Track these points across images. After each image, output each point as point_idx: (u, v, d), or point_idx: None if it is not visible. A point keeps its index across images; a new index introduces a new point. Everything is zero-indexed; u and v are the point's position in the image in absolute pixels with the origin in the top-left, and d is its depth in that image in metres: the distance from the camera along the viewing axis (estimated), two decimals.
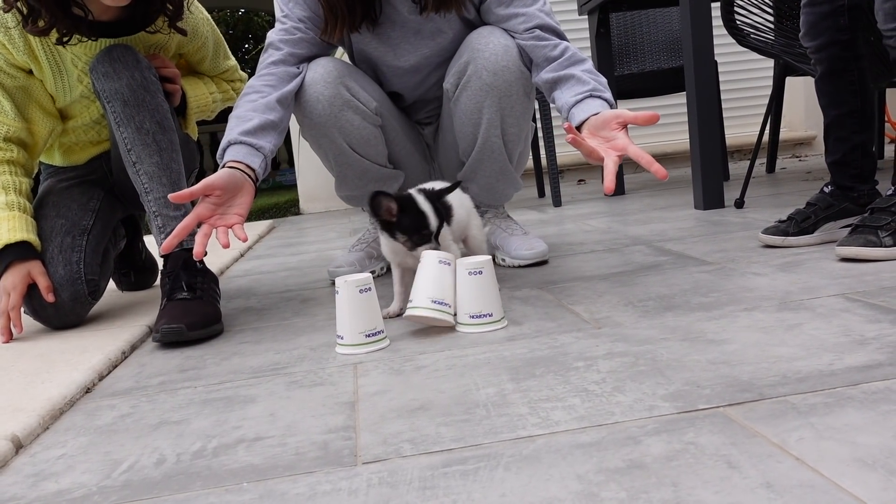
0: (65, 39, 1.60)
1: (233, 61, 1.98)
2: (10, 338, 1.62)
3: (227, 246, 1.37)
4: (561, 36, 1.67)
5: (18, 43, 1.61)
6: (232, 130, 1.55)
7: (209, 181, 1.41)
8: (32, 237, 1.65)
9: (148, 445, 0.97)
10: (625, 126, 1.38)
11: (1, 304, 1.61)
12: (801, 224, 1.75)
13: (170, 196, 1.37)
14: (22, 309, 1.65)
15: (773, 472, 0.71)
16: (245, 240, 1.37)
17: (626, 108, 1.42)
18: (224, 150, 1.53)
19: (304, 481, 0.81)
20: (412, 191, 1.44)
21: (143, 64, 1.65)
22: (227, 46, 1.96)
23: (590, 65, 1.61)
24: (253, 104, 1.61)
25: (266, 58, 1.71)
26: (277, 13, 1.78)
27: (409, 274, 1.45)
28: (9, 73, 1.65)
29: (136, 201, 1.76)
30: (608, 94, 1.52)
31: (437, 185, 1.53)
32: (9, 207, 1.65)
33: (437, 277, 1.33)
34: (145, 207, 1.65)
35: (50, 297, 1.62)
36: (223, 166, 1.49)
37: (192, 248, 1.63)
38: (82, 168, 1.90)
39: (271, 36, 1.74)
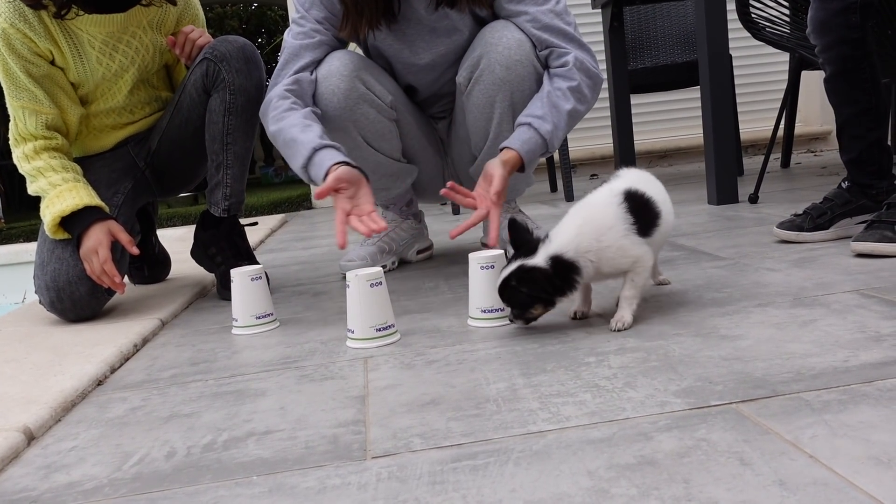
0: (62, 12, 1.61)
1: None
2: (123, 287, 1.67)
3: (370, 234, 1.49)
4: (569, 37, 1.67)
5: (39, 29, 1.62)
6: (311, 139, 1.58)
7: (338, 175, 1.49)
8: (104, 205, 1.70)
9: (158, 438, 0.97)
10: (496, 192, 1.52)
11: (95, 265, 1.62)
12: (816, 220, 1.73)
13: (315, 194, 1.45)
14: (43, 298, 1.67)
15: (786, 470, 0.70)
16: (384, 228, 1.46)
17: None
18: (310, 158, 1.56)
19: (313, 475, 0.81)
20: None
21: (263, 66, 1.81)
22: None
23: (573, 84, 1.63)
24: (301, 113, 1.64)
25: (289, 64, 1.72)
26: (293, 13, 1.77)
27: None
28: (33, 63, 1.66)
29: (172, 183, 1.93)
30: (547, 126, 1.60)
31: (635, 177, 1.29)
32: (76, 181, 1.69)
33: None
34: (215, 176, 1.78)
35: (133, 250, 1.67)
36: (326, 172, 1.52)
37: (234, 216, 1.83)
38: (108, 157, 1.87)
39: (289, 40, 1.74)
